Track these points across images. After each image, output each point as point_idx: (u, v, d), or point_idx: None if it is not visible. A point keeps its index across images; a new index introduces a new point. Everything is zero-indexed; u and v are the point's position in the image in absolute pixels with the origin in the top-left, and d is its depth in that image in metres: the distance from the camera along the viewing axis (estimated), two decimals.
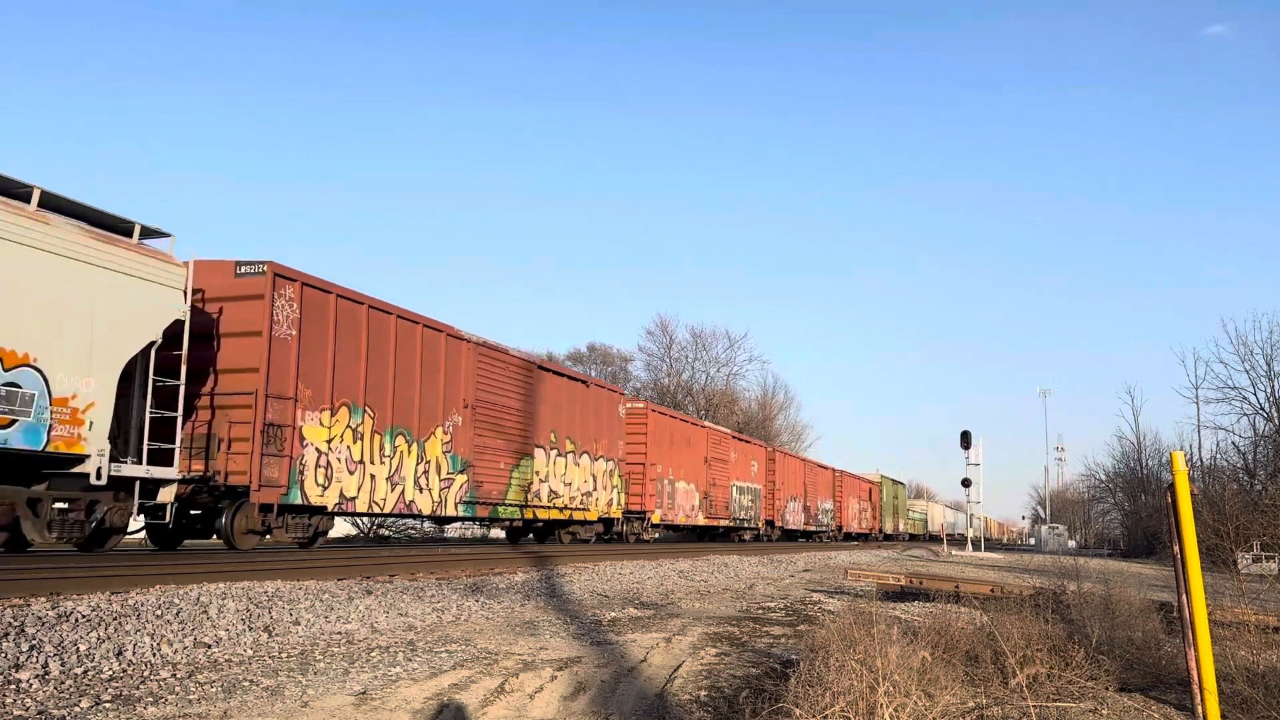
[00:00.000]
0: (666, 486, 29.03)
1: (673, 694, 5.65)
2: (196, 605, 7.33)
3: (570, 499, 22.92)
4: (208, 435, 13.25)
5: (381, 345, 16.00)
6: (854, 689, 4.26)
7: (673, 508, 29.47)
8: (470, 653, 6.77)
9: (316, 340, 14.50)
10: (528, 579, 12.45)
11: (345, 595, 8.96)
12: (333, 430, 14.84)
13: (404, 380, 16.57)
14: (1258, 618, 7.54)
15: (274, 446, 13.60)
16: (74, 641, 5.82)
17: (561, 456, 22.52)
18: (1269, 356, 43.71)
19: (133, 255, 11.49)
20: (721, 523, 34.06)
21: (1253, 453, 44.73)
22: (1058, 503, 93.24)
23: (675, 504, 29.64)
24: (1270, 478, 35.81)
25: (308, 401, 14.30)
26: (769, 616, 10.27)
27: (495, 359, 19.81)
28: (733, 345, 67.33)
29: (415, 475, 16.92)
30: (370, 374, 15.66)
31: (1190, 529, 4.84)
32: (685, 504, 30.53)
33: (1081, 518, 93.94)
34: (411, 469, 16.79)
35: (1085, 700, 5.71)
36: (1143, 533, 53.89)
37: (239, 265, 13.79)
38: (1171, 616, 7.78)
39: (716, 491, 33.38)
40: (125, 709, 4.69)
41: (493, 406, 19.51)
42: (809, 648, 5.78)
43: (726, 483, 34.55)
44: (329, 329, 14.77)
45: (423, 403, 17.13)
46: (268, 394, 13.54)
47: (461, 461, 18.33)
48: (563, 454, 22.60)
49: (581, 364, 63.45)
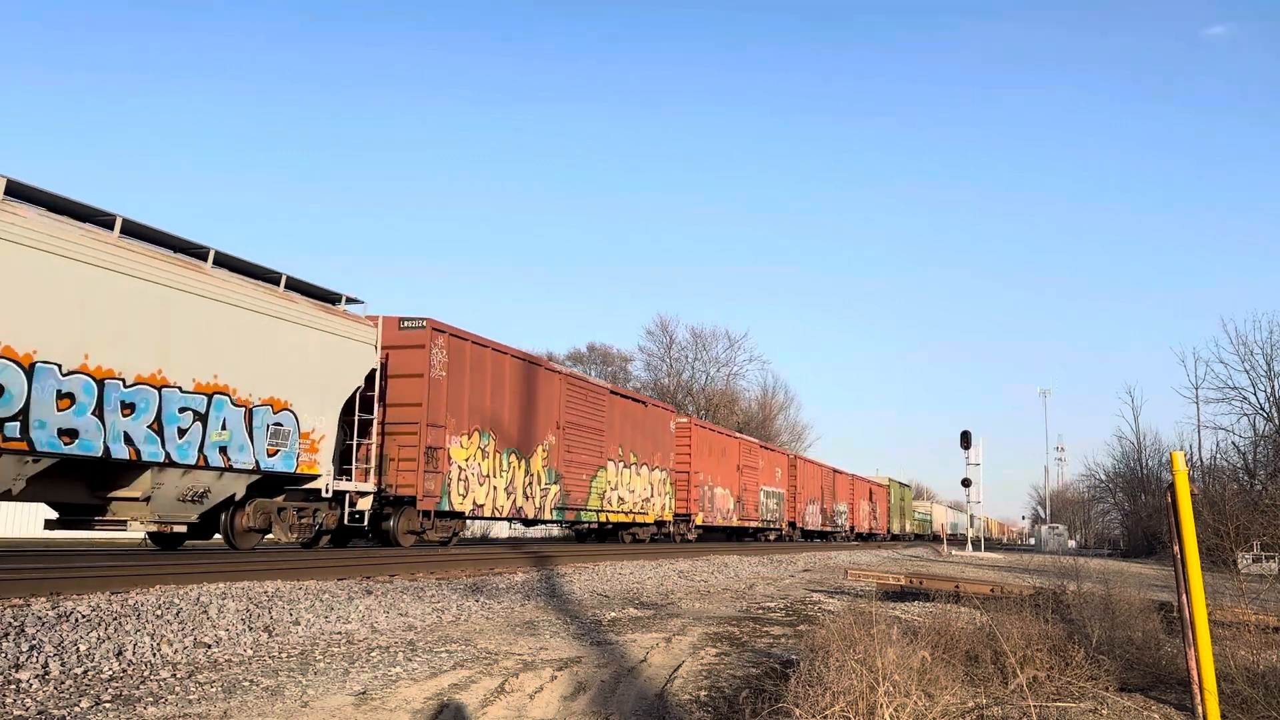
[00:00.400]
0: (707, 492, 32.30)
1: (673, 694, 5.65)
2: (196, 605, 7.33)
3: (634, 505, 26.38)
4: (380, 455, 16.34)
5: (499, 380, 19.51)
6: (854, 689, 4.26)
7: (712, 511, 32.65)
8: (470, 653, 6.77)
9: (458, 379, 17.94)
10: (528, 579, 12.46)
11: (345, 595, 8.96)
12: (468, 450, 18.35)
13: (514, 407, 20.12)
14: (1258, 618, 7.55)
15: (431, 465, 16.98)
16: (74, 641, 5.82)
17: (627, 468, 26.03)
18: (1269, 356, 43.73)
19: (345, 321, 15.04)
20: (751, 524, 36.98)
21: (1253, 453, 44.74)
22: (1058, 503, 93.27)
23: (714, 507, 32.91)
24: (1270, 478, 35.82)
25: (453, 428, 17.76)
26: (769, 616, 10.27)
27: (578, 387, 23.49)
28: (733, 345, 67.38)
29: (524, 486, 20.46)
30: (492, 404, 19.22)
31: (1190, 529, 4.84)
32: (723, 507, 33.77)
33: (1081, 518, 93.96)
34: (521, 481, 20.36)
35: (1085, 700, 5.71)
36: (1143, 533, 53.90)
37: (402, 320, 17.19)
38: (1171, 616, 7.78)
39: (748, 496, 36.47)
40: (125, 709, 4.69)
41: (577, 427, 22.96)
42: (809, 648, 5.78)
43: (756, 488, 37.63)
44: (466, 369, 18.26)
45: (528, 426, 20.68)
46: (427, 423, 16.91)
47: (555, 474, 21.86)
48: (628, 465, 26.11)
49: (581, 364, 63.50)
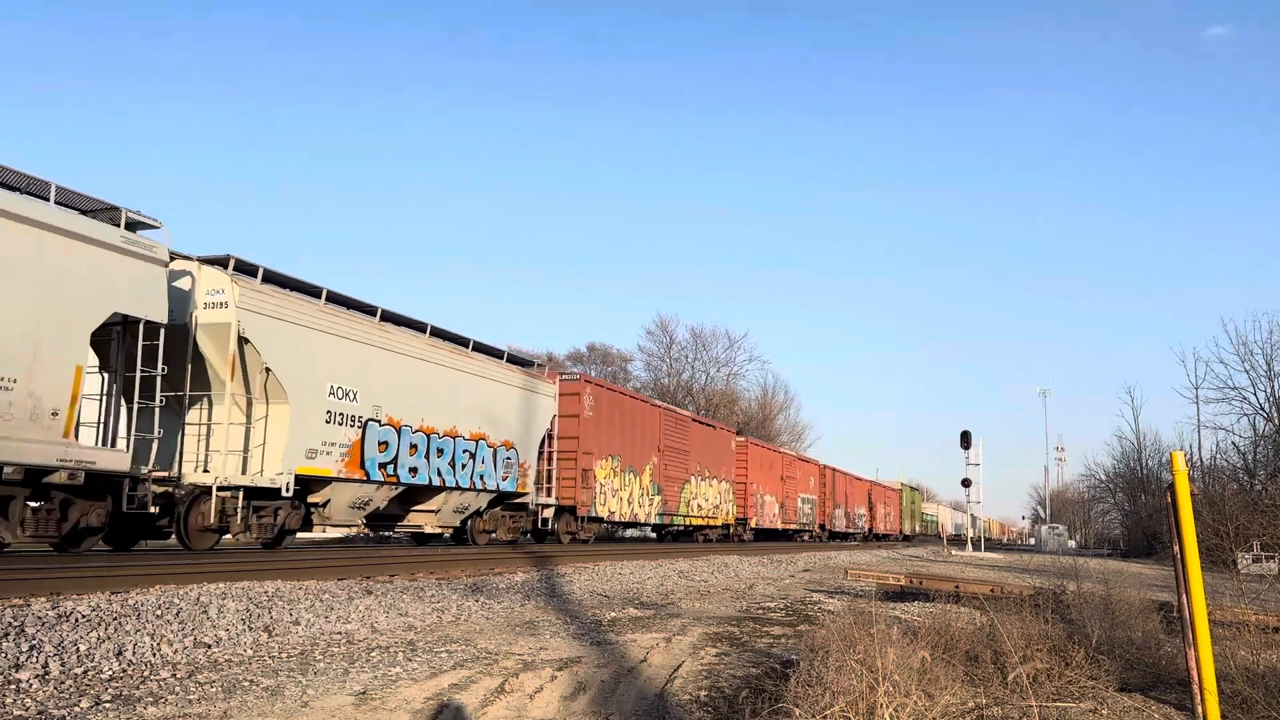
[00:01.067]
0: (758, 500, 38.48)
1: (673, 694, 5.65)
2: (196, 605, 7.32)
3: (708, 510, 32.88)
4: (549, 474, 22.33)
5: (621, 415, 26.06)
6: (854, 689, 4.26)
7: (762, 515, 39.11)
8: (470, 653, 6.77)
9: (598, 417, 24.32)
10: (528, 579, 12.45)
11: (345, 595, 8.95)
12: (605, 470, 24.68)
13: (630, 436, 26.52)
14: (1258, 618, 7.54)
15: (584, 482, 23.23)
16: (74, 641, 5.82)
17: (703, 480, 32.44)
18: (1269, 356, 43.69)
19: (540, 381, 21.58)
20: (791, 527, 42.97)
21: (1253, 453, 44.69)
22: (1058, 503, 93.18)
23: (764, 513, 39.43)
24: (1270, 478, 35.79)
25: (596, 454, 24.09)
26: (769, 616, 10.27)
27: (670, 416, 30.14)
28: (733, 345, 67.36)
29: (638, 497, 26.97)
30: (619, 434, 25.59)
31: (1190, 529, 4.84)
32: (770, 512, 40.24)
33: (1081, 518, 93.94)
34: (637, 493, 26.84)
35: (1085, 700, 5.70)
36: (1143, 533, 53.88)
37: (562, 375, 23.94)
38: (1171, 616, 7.78)
39: (789, 502, 42.69)
40: (125, 709, 4.68)
41: (670, 449, 29.47)
42: (809, 648, 5.78)
43: (795, 495, 43.80)
44: (602, 409, 24.67)
45: (639, 450, 27.13)
46: (581, 451, 23.28)
47: (657, 486, 28.39)
48: (704, 479, 32.47)
49: (581, 364, 63.49)
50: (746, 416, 67.08)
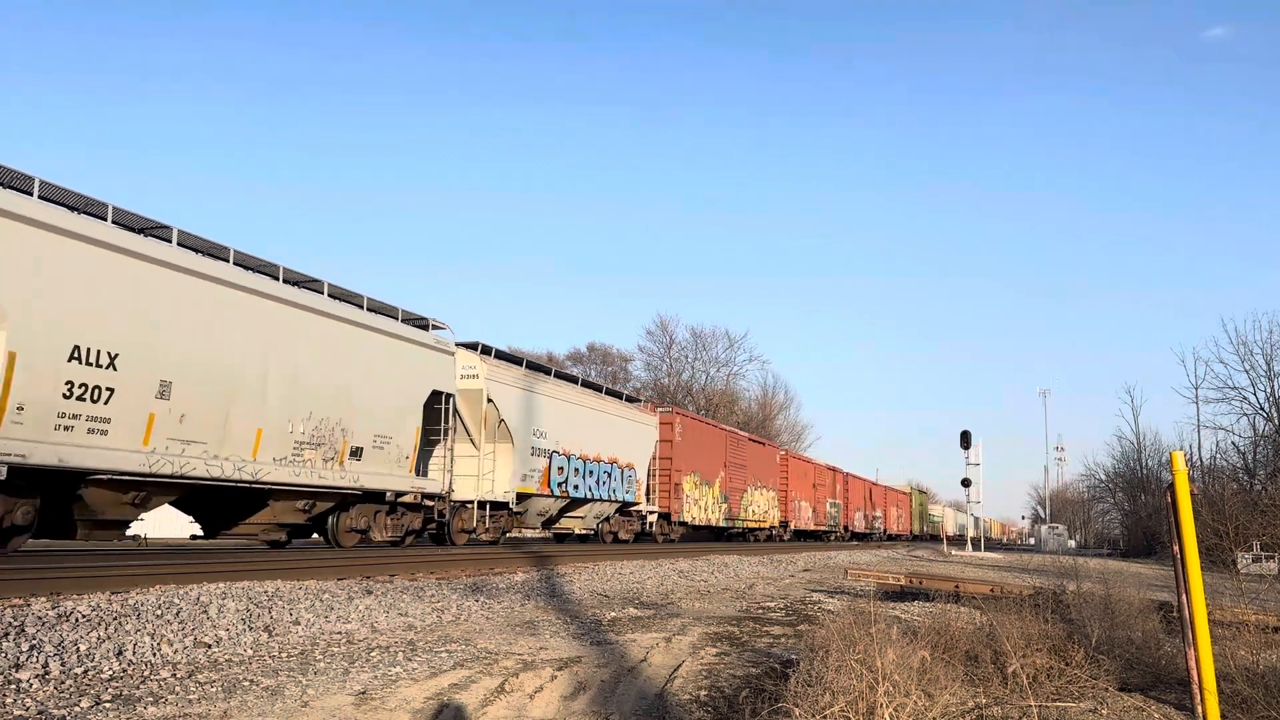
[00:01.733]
0: (795, 505, 43.97)
1: (673, 694, 5.65)
2: (196, 605, 7.33)
3: (760, 515, 38.66)
4: (652, 488, 28.27)
5: (699, 438, 31.87)
6: (854, 688, 4.26)
7: (799, 519, 44.81)
8: (470, 652, 6.77)
9: (684, 441, 30.23)
10: (528, 579, 12.45)
11: (345, 595, 8.95)
12: (690, 483, 30.54)
13: (705, 455, 32.27)
14: (1258, 618, 7.54)
15: (676, 493, 29.23)
16: (74, 641, 5.82)
17: (756, 490, 38.01)
18: (1269, 356, 43.75)
19: (646, 414, 28.51)
20: (821, 528, 48.61)
21: (1253, 453, 44.75)
22: (1058, 503, 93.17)
23: (800, 516, 45.11)
24: (1270, 478, 35.81)
25: (684, 470, 30.02)
26: (769, 616, 10.27)
27: (733, 437, 36.08)
28: (733, 345, 67.49)
29: (711, 505, 32.54)
30: (698, 454, 31.45)
31: (1190, 529, 4.84)
32: (805, 515, 45.94)
33: (1081, 518, 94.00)
34: (710, 502, 32.45)
35: (1085, 700, 5.71)
36: (1142, 533, 53.89)
37: (658, 408, 30.21)
38: (1171, 616, 7.78)
39: (819, 507, 48.28)
40: (125, 709, 4.68)
41: (733, 464, 34.95)
42: (809, 647, 5.78)
43: (824, 500, 49.33)
44: (688, 434, 30.70)
45: (711, 465, 32.83)
46: (674, 468, 29.20)
47: (725, 495, 33.94)
48: (756, 488, 38.06)
49: (581, 364, 63.52)
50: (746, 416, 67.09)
